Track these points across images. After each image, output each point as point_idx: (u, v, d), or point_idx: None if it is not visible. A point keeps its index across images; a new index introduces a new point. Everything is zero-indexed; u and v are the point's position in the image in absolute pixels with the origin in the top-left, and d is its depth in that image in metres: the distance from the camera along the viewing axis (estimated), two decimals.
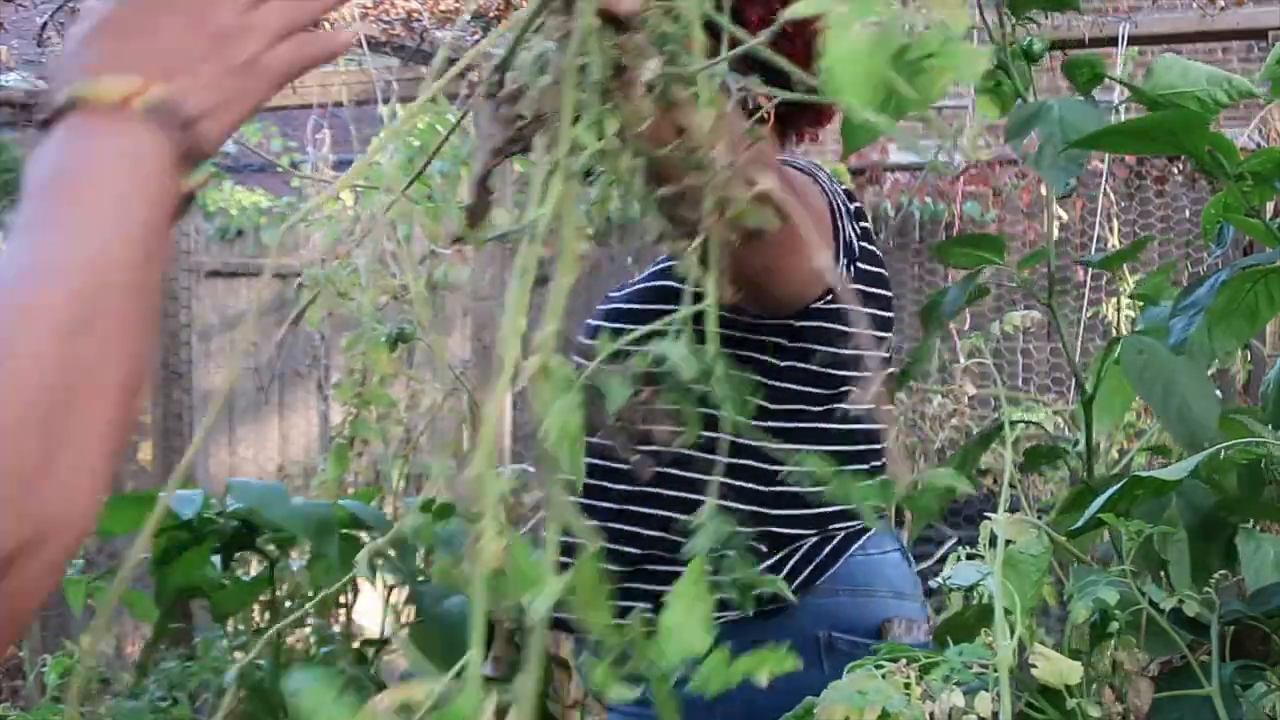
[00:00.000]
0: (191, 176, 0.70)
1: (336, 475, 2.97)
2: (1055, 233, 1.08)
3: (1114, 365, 1.12)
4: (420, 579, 2.32)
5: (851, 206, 1.50)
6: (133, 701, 2.22)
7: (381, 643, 2.55)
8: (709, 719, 1.47)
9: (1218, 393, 1.15)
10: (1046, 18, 1.12)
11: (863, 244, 1.50)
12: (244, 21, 0.72)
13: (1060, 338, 1.09)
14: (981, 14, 1.10)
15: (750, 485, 1.48)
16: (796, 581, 1.50)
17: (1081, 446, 1.17)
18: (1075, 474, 1.17)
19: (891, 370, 1.62)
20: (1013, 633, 0.83)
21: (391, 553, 2.37)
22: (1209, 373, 1.14)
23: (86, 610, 2.60)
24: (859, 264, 1.50)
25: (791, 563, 1.51)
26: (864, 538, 1.52)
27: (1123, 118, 1.19)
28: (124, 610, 3.09)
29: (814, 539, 1.52)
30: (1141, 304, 1.20)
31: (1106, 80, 1.21)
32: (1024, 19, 1.10)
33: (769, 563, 1.50)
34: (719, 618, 1.57)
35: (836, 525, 1.51)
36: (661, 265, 1.60)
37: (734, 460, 1.34)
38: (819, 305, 1.43)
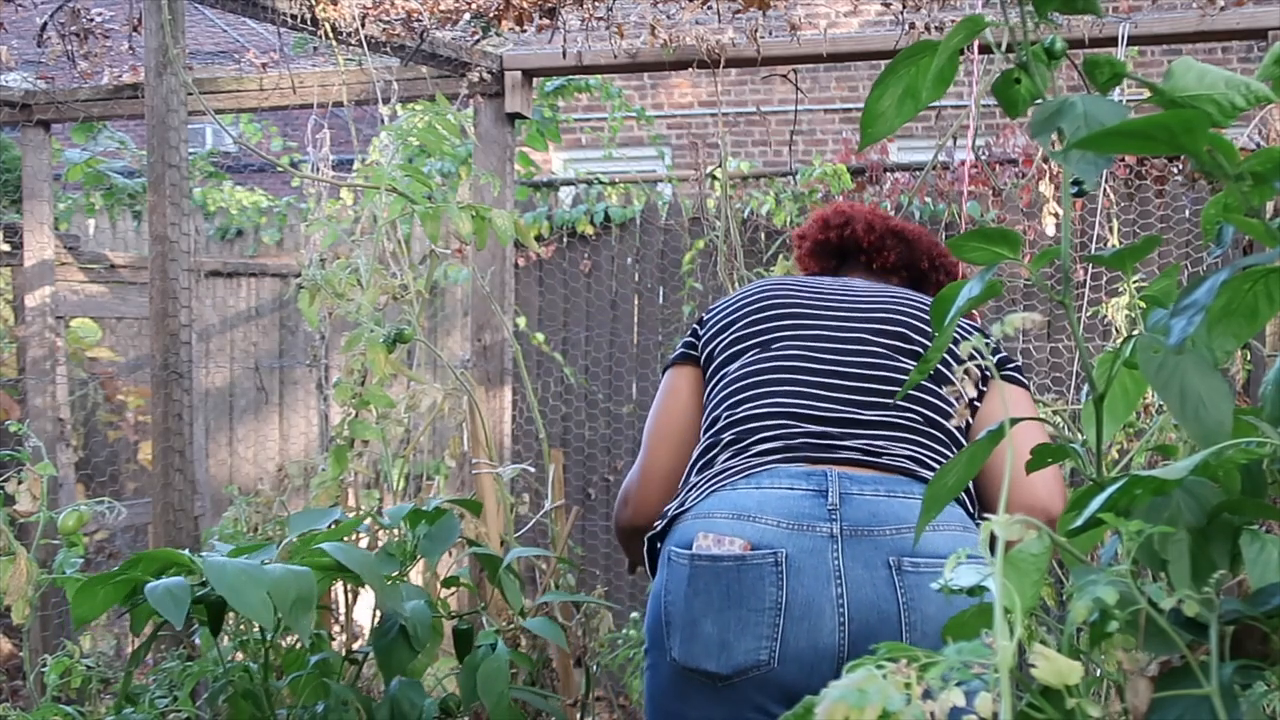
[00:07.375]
0: None
1: (336, 475, 2.97)
2: (1064, 229, 1.07)
3: (1123, 364, 1.12)
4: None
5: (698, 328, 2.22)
6: (131, 708, 2.23)
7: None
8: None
9: None
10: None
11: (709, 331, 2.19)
12: None
13: (1075, 336, 1.08)
14: (1004, 9, 1.09)
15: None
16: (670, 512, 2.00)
17: (1087, 446, 1.16)
18: (1080, 473, 1.17)
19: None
20: (1013, 633, 0.83)
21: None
22: None
23: None
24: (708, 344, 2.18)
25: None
26: (741, 475, 1.91)
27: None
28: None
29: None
30: (1145, 305, 1.20)
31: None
32: (1045, 19, 1.09)
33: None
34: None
35: (698, 476, 2.00)
36: None
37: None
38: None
